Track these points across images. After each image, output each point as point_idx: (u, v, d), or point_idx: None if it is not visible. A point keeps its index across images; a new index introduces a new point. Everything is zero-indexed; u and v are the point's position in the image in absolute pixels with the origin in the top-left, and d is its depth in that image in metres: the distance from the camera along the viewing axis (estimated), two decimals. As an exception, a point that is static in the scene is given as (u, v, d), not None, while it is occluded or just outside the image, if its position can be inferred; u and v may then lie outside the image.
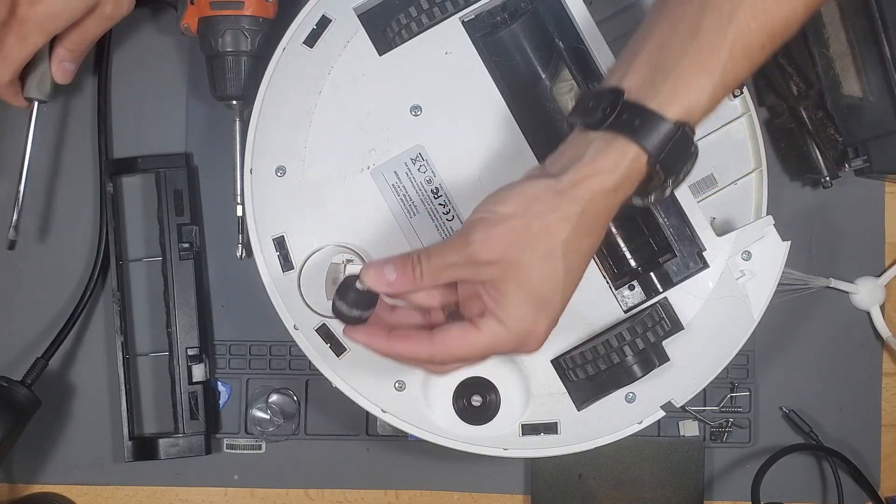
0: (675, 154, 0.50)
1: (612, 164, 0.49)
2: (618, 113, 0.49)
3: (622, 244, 0.64)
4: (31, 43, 0.62)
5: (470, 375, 0.64)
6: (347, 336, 0.54)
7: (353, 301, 0.53)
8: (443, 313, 0.55)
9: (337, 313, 0.54)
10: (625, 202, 0.52)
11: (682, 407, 0.65)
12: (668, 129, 0.49)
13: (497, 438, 0.64)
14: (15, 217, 0.70)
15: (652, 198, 0.52)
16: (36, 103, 0.72)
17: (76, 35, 0.64)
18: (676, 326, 0.62)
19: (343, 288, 0.53)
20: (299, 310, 0.64)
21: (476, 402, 0.64)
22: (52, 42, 0.64)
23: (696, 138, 0.51)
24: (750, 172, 0.67)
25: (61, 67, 0.66)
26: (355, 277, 0.52)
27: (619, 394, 0.63)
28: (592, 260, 0.63)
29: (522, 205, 0.50)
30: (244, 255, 0.73)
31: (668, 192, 0.52)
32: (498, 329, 0.50)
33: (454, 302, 0.54)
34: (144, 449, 0.73)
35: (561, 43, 0.63)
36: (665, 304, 0.63)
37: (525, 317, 0.50)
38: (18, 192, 0.70)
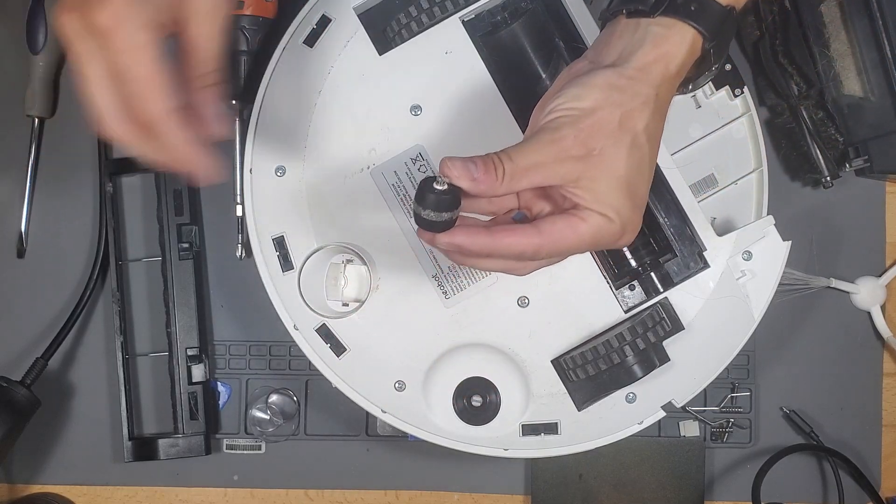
0: (725, 38, 0.51)
1: (676, 47, 0.50)
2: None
3: (623, 244, 0.64)
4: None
5: (470, 376, 0.64)
6: (441, 243, 0.50)
7: (437, 204, 0.49)
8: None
9: (425, 223, 0.49)
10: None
11: (683, 407, 0.65)
12: (721, 12, 0.51)
13: (497, 439, 0.64)
14: (23, 227, 0.74)
15: (691, 87, 0.54)
16: (37, 120, 0.73)
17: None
18: (677, 326, 0.62)
19: (421, 195, 0.49)
20: (299, 310, 0.64)
21: (476, 402, 0.64)
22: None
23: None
24: (750, 172, 0.67)
25: (217, 118, 0.49)
26: (432, 180, 0.49)
27: (620, 394, 0.63)
28: (592, 260, 0.63)
29: (602, 96, 0.49)
30: (244, 255, 0.73)
31: (707, 80, 0.54)
32: (602, 221, 0.50)
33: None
34: (144, 449, 0.73)
35: (561, 43, 0.63)
36: (665, 304, 0.63)
37: (624, 205, 0.50)
38: (24, 204, 0.74)
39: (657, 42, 0.50)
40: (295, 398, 0.74)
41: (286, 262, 0.64)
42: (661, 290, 0.63)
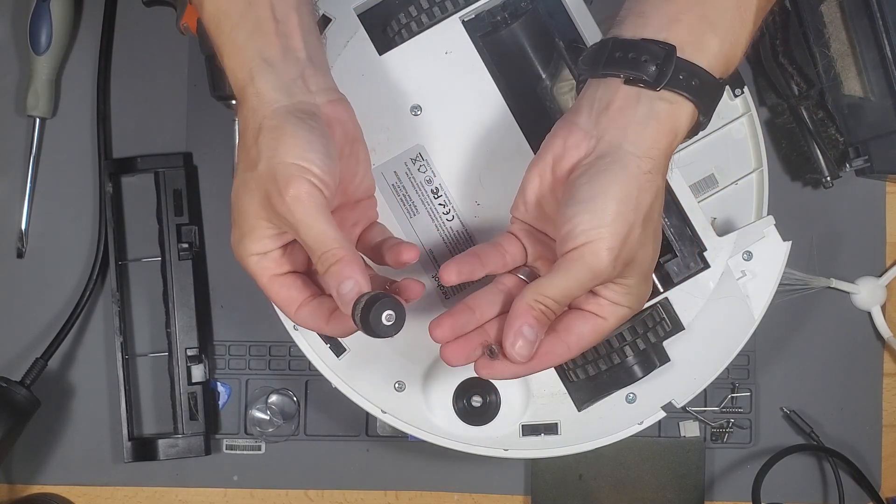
0: (714, 109, 0.51)
1: (682, 125, 0.49)
2: (674, 72, 0.49)
3: (623, 244, 0.64)
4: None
5: (470, 376, 0.64)
6: (488, 375, 0.51)
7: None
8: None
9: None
10: None
11: (683, 407, 0.65)
12: (717, 88, 0.50)
13: (497, 439, 0.64)
14: (24, 227, 0.74)
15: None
16: (38, 120, 0.73)
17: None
18: (677, 327, 0.62)
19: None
20: (299, 310, 0.64)
21: (476, 402, 0.64)
22: None
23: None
24: (751, 172, 0.67)
25: (338, 297, 0.49)
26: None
27: (620, 394, 0.63)
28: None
29: (624, 207, 0.48)
30: (244, 255, 0.72)
31: (688, 141, 0.53)
32: (624, 312, 0.50)
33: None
34: (144, 449, 0.72)
35: (561, 42, 0.63)
36: (666, 305, 0.63)
37: (643, 291, 0.51)
38: (24, 204, 0.74)
39: (662, 120, 0.49)
40: (295, 398, 0.74)
41: (286, 263, 0.64)
42: (661, 290, 0.63)
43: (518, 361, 0.49)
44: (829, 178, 0.71)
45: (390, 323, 0.47)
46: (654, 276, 0.63)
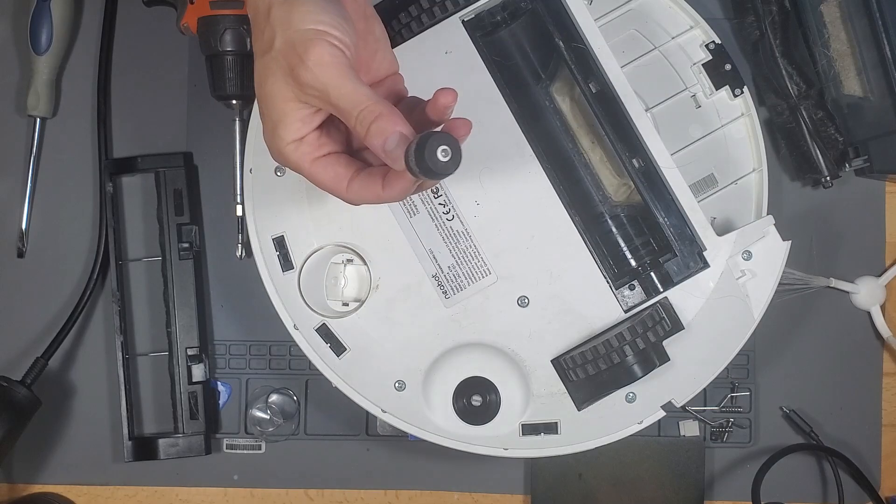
0: None
1: None
2: None
3: (622, 243, 0.64)
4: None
5: (470, 376, 0.64)
6: None
7: None
8: None
9: None
10: None
11: (683, 407, 0.65)
12: None
13: (497, 438, 0.64)
14: (24, 227, 0.74)
15: None
16: (38, 120, 0.73)
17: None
18: (677, 326, 0.62)
19: None
20: (299, 310, 0.64)
21: (476, 402, 0.64)
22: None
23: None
24: (750, 172, 0.67)
25: (385, 154, 0.47)
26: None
27: (620, 394, 0.63)
28: (592, 259, 0.63)
29: None
30: (244, 254, 0.73)
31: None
32: None
33: None
34: (144, 449, 0.73)
35: (561, 42, 0.63)
36: (665, 304, 0.63)
37: None
38: (24, 204, 0.74)
39: None
40: (295, 398, 0.74)
41: (286, 262, 0.64)
42: (661, 289, 0.63)
43: None
44: (828, 178, 0.71)
45: (447, 158, 0.45)
46: (653, 275, 0.63)
